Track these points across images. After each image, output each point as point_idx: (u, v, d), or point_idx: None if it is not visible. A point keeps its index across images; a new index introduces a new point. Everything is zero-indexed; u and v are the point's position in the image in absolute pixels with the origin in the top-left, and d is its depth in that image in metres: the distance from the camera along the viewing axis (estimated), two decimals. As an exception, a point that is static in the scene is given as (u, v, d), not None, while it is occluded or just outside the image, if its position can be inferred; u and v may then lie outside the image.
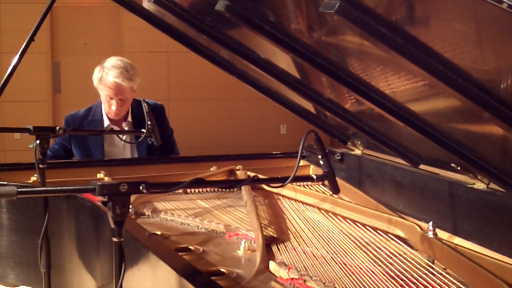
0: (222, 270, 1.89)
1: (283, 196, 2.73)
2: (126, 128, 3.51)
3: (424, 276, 1.80)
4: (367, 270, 1.87)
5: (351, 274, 1.84)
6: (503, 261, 1.77)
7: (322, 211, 2.48)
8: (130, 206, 2.27)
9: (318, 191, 2.69)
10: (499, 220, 1.98)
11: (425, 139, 2.10)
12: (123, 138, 3.28)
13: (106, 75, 3.37)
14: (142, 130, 2.67)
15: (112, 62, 3.41)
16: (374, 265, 1.91)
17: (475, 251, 1.87)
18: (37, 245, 2.31)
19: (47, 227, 2.28)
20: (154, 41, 7.21)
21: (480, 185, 2.09)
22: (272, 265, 1.87)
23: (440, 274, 1.81)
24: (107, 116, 3.50)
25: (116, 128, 3.50)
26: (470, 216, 2.11)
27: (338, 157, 3.08)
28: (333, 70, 2.18)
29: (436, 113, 2.04)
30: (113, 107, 3.40)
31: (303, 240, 2.18)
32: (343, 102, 2.60)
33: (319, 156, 1.76)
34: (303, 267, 1.89)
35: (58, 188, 2.21)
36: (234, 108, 7.88)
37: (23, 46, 2.78)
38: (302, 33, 2.18)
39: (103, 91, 3.42)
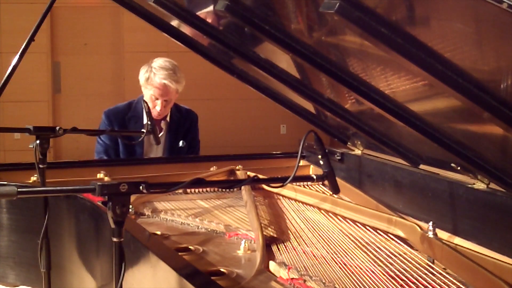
0: (222, 270, 1.89)
1: (283, 196, 2.73)
2: (163, 127, 3.57)
3: (424, 276, 1.80)
4: (367, 270, 1.87)
5: (351, 274, 1.84)
6: (503, 261, 1.77)
7: (322, 211, 2.48)
8: (130, 206, 2.27)
9: (318, 191, 2.69)
10: (499, 220, 1.98)
11: (425, 139, 2.10)
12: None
13: (154, 75, 3.41)
14: (142, 130, 2.68)
15: (160, 63, 3.45)
16: (374, 265, 1.91)
17: (475, 251, 1.87)
18: (37, 245, 2.31)
19: (47, 227, 2.28)
20: (154, 41, 7.19)
21: (480, 185, 2.09)
22: (272, 265, 1.87)
23: (440, 274, 1.81)
24: None
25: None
26: (470, 216, 2.11)
27: (338, 157, 3.08)
28: (333, 70, 2.18)
29: (436, 113, 2.04)
30: (158, 107, 3.44)
31: (303, 240, 2.18)
32: (343, 102, 2.60)
33: (319, 156, 1.76)
34: (303, 267, 1.89)
35: (58, 188, 2.21)
36: (234, 108, 7.88)
37: (23, 46, 2.77)
38: (302, 33, 2.18)
39: (149, 90, 3.46)
